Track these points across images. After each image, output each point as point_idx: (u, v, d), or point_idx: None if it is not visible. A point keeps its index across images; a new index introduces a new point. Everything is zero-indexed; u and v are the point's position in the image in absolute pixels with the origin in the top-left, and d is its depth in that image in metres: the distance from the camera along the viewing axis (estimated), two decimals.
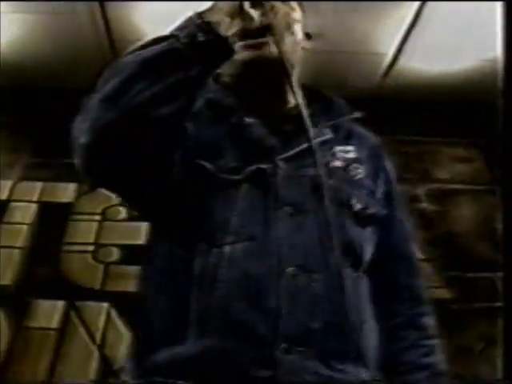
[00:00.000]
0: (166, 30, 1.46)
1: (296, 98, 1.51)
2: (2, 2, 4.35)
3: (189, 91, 1.44)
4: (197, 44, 1.40)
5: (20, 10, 4.53)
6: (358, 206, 1.59)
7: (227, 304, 1.42)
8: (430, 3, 4.40)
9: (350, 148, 1.69)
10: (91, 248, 4.75)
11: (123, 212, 4.85)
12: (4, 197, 5.06)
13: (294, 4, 1.74)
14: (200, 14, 1.45)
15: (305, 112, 1.48)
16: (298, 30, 1.73)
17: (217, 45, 1.43)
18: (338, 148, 1.67)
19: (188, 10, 1.76)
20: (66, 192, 5.05)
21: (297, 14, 1.74)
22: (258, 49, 1.60)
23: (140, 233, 4.52)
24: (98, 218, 4.93)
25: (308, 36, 1.80)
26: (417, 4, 4.43)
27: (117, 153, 1.41)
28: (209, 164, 1.51)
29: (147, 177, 1.47)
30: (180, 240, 1.52)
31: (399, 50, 4.95)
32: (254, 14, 1.49)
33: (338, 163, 1.64)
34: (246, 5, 1.47)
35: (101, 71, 1.48)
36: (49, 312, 4.54)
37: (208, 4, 1.47)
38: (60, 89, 4.88)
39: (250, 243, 1.44)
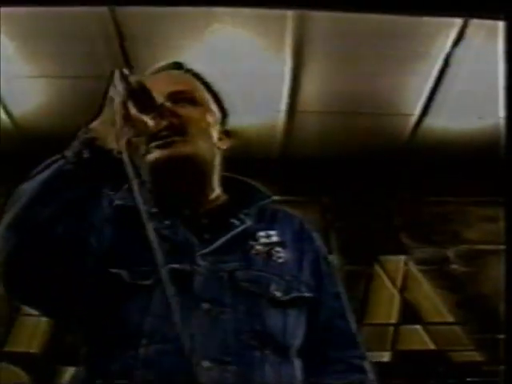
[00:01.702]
0: None
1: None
2: (27, 67, 4.42)
3: (83, 207, 1.46)
4: (83, 162, 1.43)
5: (45, 75, 4.61)
6: (277, 294, 1.59)
7: None
8: (453, 63, 4.42)
9: (272, 232, 1.70)
10: None
11: None
12: None
13: (210, 103, 1.77)
14: (86, 129, 1.47)
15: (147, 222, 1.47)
16: (213, 131, 1.74)
17: (101, 160, 1.44)
18: (261, 233, 1.68)
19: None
20: None
21: (212, 115, 1.76)
22: (167, 147, 1.62)
23: None
24: None
25: (226, 134, 1.80)
26: (440, 63, 4.46)
27: (26, 275, 1.45)
28: (124, 271, 1.53)
29: (60, 293, 1.49)
30: (98, 342, 1.55)
31: (425, 110, 4.96)
32: (146, 118, 1.50)
33: (259, 249, 1.65)
34: (133, 111, 1.47)
35: None
36: None
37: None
38: None
39: (163, 345, 1.46)
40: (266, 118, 5.05)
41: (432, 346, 5.25)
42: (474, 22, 4.06)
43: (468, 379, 5.05)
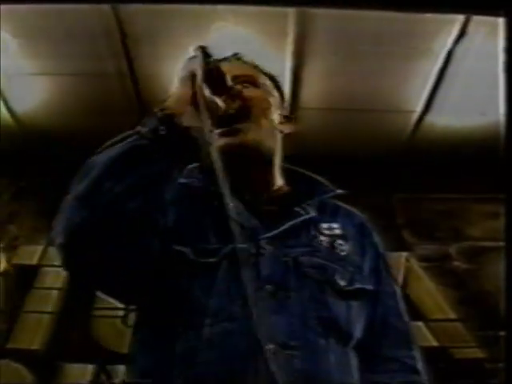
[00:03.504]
0: None
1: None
2: (29, 64, 4.43)
3: (157, 184, 1.48)
4: (159, 138, 1.44)
5: (47, 72, 4.61)
6: (341, 283, 1.60)
7: None
8: (454, 59, 4.42)
9: (335, 225, 1.72)
10: (121, 313, 4.74)
11: None
12: (34, 262, 5.08)
13: (271, 88, 1.81)
14: (163, 107, 1.48)
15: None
16: (275, 114, 1.77)
17: (178, 137, 1.46)
18: (324, 225, 1.70)
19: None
20: None
21: (273, 98, 1.80)
22: (232, 135, 1.65)
23: None
24: None
25: (288, 119, 1.84)
26: (442, 60, 4.45)
27: (92, 249, 1.44)
28: (187, 249, 1.54)
29: (125, 269, 1.49)
30: (161, 324, 1.55)
31: (427, 107, 4.96)
32: (218, 100, 1.52)
33: (323, 240, 1.66)
34: (207, 92, 1.49)
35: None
36: (79, 376, 4.52)
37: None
38: (88, 152, 4.89)
39: (228, 324, 1.46)
40: None
41: (434, 343, 5.25)
42: (476, 19, 4.06)
43: (470, 376, 5.07)
